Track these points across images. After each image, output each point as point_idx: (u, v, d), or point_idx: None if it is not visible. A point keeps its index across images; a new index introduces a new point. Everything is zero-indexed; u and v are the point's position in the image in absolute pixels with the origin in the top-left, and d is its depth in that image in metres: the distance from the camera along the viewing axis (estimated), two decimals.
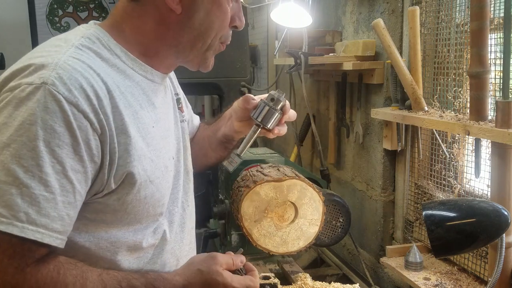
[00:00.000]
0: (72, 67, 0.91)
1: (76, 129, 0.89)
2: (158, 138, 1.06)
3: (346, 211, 1.77)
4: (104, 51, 1.00)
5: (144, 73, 1.06)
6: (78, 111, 0.89)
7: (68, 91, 0.88)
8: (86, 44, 0.98)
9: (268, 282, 1.55)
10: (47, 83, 0.87)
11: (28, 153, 0.85)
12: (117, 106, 0.95)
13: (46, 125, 0.86)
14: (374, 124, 2.17)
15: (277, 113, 1.18)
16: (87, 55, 0.96)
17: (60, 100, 0.87)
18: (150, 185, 1.02)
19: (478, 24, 1.41)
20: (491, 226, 1.27)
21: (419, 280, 1.63)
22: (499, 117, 1.34)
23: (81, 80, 0.90)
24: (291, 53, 2.36)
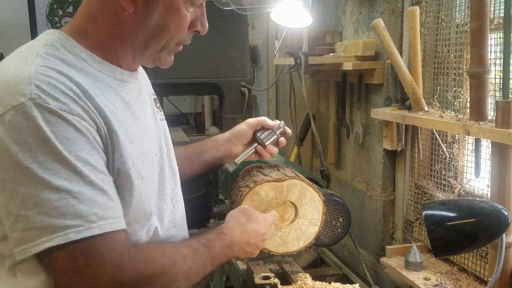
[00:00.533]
0: (46, 75, 0.92)
1: (83, 130, 0.92)
2: (140, 135, 1.08)
3: (346, 211, 1.77)
4: (69, 57, 1.00)
5: (112, 74, 1.06)
6: (74, 115, 0.92)
7: (55, 100, 0.90)
8: (50, 52, 0.98)
9: (268, 282, 1.54)
10: (32, 98, 0.89)
11: (61, 166, 0.89)
12: (97, 104, 0.98)
13: (58, 136, 0.89)
14: (374, 124, 2.17)
15: (275, 136, 1.48)
16: (53, 63, 0.96)
17: (54, 110, 0.89)
18: (142, 181, 1.04)
19: (478, 24, 1.41)
20: (491, 226, 1.27)
21: (419, 280, 1.63)
22: (499, 117, 1.34)
23: (60, 86, 0.92)
24: (291, 53, 2.36)
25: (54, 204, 0.87)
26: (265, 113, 3.79)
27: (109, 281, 0.91)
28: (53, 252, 0.88)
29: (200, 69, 2.99)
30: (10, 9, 4.60)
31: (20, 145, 0.88)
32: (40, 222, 0.87)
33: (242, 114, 3.14)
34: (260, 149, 1.46)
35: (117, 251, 0.94)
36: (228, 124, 3.15)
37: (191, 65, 2.93)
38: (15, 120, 0.88)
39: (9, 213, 0.89)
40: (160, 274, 0.99)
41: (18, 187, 0.88)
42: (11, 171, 0.88)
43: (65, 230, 0.87)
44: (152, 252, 1.01)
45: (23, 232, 0.88)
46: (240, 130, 1.47)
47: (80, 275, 0.90)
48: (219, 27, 2.97)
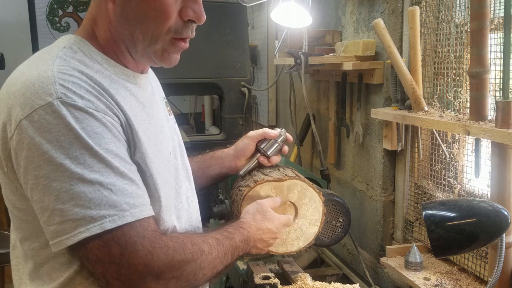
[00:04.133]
0: (69, 75, 0.95)
1: (109, 124, 0.96)
2: (155, 134, 1.11)
3: (346, 211, 1.77)
4: (86, 60, 1.02)
5: (126, 77, 1.09)
6: (99, 111, 0.95)
7: (81, 98, 0.93)
8: (69, 54, 1.00)
9: (268, 282, 1.54)
10: (59, 97, 0.91)
11: (93, 160, 0.92)
12: (118, 101, 1.00)
13: (88, 131, 0.92)
14: (374, 124, 2.17)
15: (278, 145, 1.51)
16: (73, 64, 0.98)
17: (82, 107, 0.92)
18: (159, 177, 1.07)
19: (478, 24, 1.41)
20: (491, 226, 1.27)
21: (419, 280, 1.63)
22: (499, 117, 1.34)
23: (83, 84, 0.95)
24: (291, 53, 2.36)
25: (89, 196, 0.91)
26: (265, 113, 3.78)
27: (143, 267, 0.94)
28: (88, 243, 0.91)
29: (200, 69, 2.99)
30: (10, 9, 4.60)
31: (51, 143, 0.90)
32: (77, 214, 0.90)
33: (242, 114, 3.14)
34: (263, 160, 1.51)
35: (149, 238, 0.97)
36: (228, 124, 3.15)
37: (191, 65, 2.93)
38: (44, 119, 0.90)
39: (45, 208, 0.92)
40: (190, 260, 1.02)
41: (52, 183, 0.90)
42: (44, 168, 0.90)
43: (101, 220, 0.91)
44: (182, 240, 1.04)
45: (59, 225, 0.91)
46: (243, 145, 1.52)
47: (115, 263, 0.93)
48: (219, 27, 2.97)
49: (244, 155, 1.52)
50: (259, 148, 1.50)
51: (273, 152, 1.50)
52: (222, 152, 1.57)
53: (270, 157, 1.50)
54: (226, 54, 3.02)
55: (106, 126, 0.95)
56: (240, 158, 1.53)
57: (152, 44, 1.04)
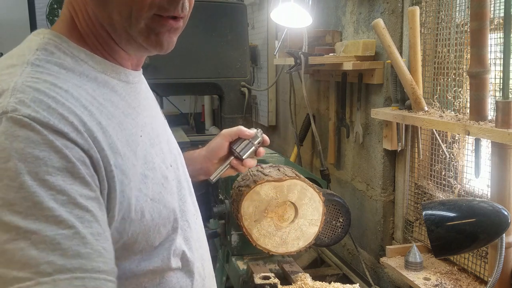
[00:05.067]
0: (34, 88, 0.74)
1: (63, 148, 0.71)
2: (148, 147, 0.91)
3: (346, 211, 1.77)
4: (67, 60, 0.83)
5: (117, 75, 0.89)
6: (54, 132, 0.71)
7: (34, 112, 0.71)
8: (43, 58, 0.81)
9: (268, 282, 1.54)
10: (7, 111, 0.70)
11: (17, 195, 0.66)
12: (99, 122, 0.78)
13: (23, 155, 0.68)
14: (374, 124, 2.17)
15: (253, 147, 1.32)
16: (47, 71, 0.79)
17: (29, 123, 0.70)
18: (153, 204, 0.86)
19: (478, 24, 1.41)
20: (491, 226, 1.27)
21: (419, 280, 1.63)
22: (499, 117, 1.34)
23: (48, 101, 0.73)
24: (291, 53, 2.36)
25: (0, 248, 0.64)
26: (265, 113, 3.79)
27: None
28: None
29: (200, 69, 2.99)
30: (10, 9, 4.60)
31: None
32: None
33: (242, 114, 3.14)
34: (235, 163, 1.31)
35: None
36: (228, 124, 3.15)
37: (191, 65, 2.94)
38: None
39: None
40: None
41: None
42: None
43: (13, 285, 0.63)
44: None
45: None
46: (215, 145, 1.32)
47: None
48: (219, 27, 2.98)
49: (216, 156, 1.32)
50: (232, 149, 1.31)
51: (248, 154, 1.31)
52: (193, 152, 1.36)
53: (243, 159, 1.30)
54: (226, 54, 3.02)
55: (58, 149, 0.70)
56: (212, 160, 1.32)
57: (133, 24, 0.84)
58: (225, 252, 2.04)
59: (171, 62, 2.85)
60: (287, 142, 3.47)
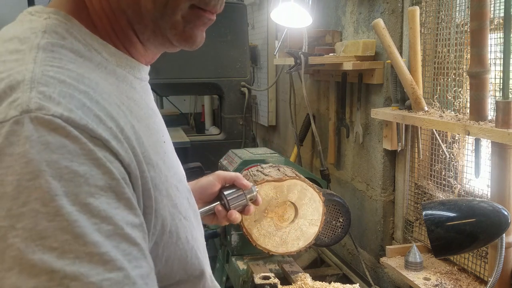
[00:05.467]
0: (59, 80, 0.58)
1: (106, 161, 0.56)
2: (172, 155, 0.77)
3: (346, 211, 1.77)
4: (80, 47, 0.66)
5: (131, 70, 0.73)
6: (94, 137, 0.56)
7: (68, 111, 0.55)
8: (56, 42, 0.63)
9: (268, 282, 1.55)
10: (29, 109, 0.53)
11: (52, 225, 0.50)
12: (132, 124, 0.64)
13: (59, 170, 0.52)
14: (374, 124, 2.17)
15: (245, 200, 1.17)
16: (67, 58, 0.62)
17: (62, 126, 0.54)
18: (186, 223, 0.72)
19: (478, 24, 1.41)
20: (491, 226, 1.27)
21: (419, 280, 1.63)
22: (499, 117, 1.34)
23: (80, 96, 0.58)
24: (291, 53, 2.36)
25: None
26: (265, 113, 3.79)
27: None
28: None
29: (200, 69, 2.99)
30: (10, 8, 4.59)
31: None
32: None
33: (242, 114, 3.14)
34: (219, 211, 1.13)
35: None
36: (228, 124, 3.15)
37: (191, 65, 2.94)
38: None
39: None
40: None
41: None
42: None
43: None
44: None
45: None
46: (206, 183, 1.15)
47: None
48: (219, 27, 2.98)
49: (204, 194, 1.14)
50: (222, 194, 1.15)
51: (237, 205, 1.15)
52: None
53: (229, 209, 1.13)
54: (226, 54, 3.02)
55: (101, 162, 0.55)
56: (197, 196, 1.08)
57: (168, 14, 0.69)
58: (225, 252, 2.04)
59: (171, 62, 2.86)
60: (287, 142, 3.48)
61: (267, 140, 4.01)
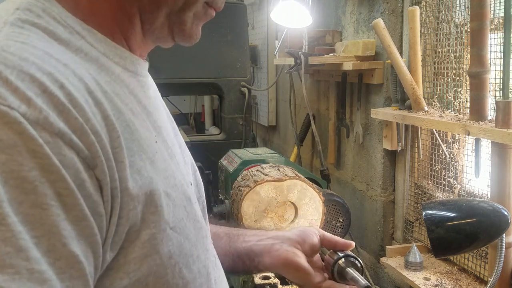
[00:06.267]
0: (20, 57, 0.51)
1: (61, 168, 0.49)
2: (167, 158, 0.68)
3: (346, 211, 1.77)
4: (58, 29, 0.58)
5: (121, 61, 0.65)
6: (52, 135, 0.49)
7: (26, 101, 0.48)
8: (27, 19, 0.56)
9: (268, 282, 1.54)
10: None
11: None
12: (108, 115, 0.56)
13: (5, 173, 0.46)
14: (374, 124, 2.17)
15: None
16: (36, 35, 0.55)
17: (18, 121, 0.47)
18: (173, 234, 0.62)
19: (478, 24, 1.41)
20: (491, 226, 1.27)
21: (419, 280, 1.63)
22: (499, 117, 1.34)
23: (42, 79, 0.50)
24: (291, 53, 2.36)
25: None
26: (265, 113, 3.78)
27: None
28: None
29: (200, 69, 2.99)
30: None
31: None
32: None
33: (242, 114, 3.14)
34: None
35: None
36: (228, 124, 3.15)
37: (191, 65, 2.94)
38: None
39: None
40: None
41: None
42: None
43: None
44: None
45: None
46: (305, 230, 1.04)
47: None
48: (219, 27, 2.98)
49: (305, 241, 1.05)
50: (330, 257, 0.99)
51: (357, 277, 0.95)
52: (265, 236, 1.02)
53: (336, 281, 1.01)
54: (226, 54, 3.03)
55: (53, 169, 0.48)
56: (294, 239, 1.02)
57: (184, 9, 0.67)
58: None
59: (171, 62, 2.86)
60: (287, 142, 3.48)
61: (267, 140, 4.01)
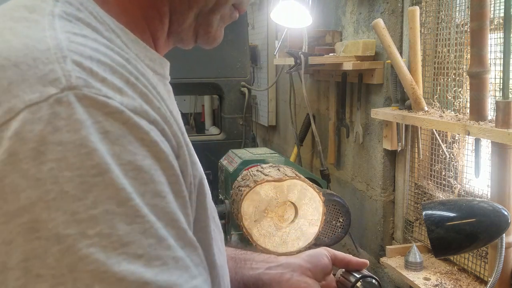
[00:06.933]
0: (91, 48, 0.46)
1: (168, 154, 0.46)
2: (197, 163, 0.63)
3: (346, 211, 1.77)
4: (97, 25, 0.51)
5: (151, 64, 0.59)
6: (150, 122, 0.46)
7: (117, 90, 0.44)
8: (71, 12, 0.50)
9: None
10: (73, 86, 0.42)
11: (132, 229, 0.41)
12: (168, 107, 0.52)
13: (123, 165, 0.42)
14: (374, 124, 2.17)
15: None
16: (86, 32, 0.49)
17: (120, 110, 0.43)
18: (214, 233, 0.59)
19: (478, 24, 1.41)
20: (491, 226, 1.27)
21: (419, 280, 1.63)
22: (499, 117, 1.34)
23: (120, 69, 0.47)
24: (291, 53, 2.36)
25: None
26: (265, 113, 3.78)
27: None
28: None
29: (200, 69, 2.99)
30: None
31: (40, 186, 0.39)
32: None
33: (242, 114, 3.14)
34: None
35: None
36: (228, 124, 3.15)
37: (191, 65, 2.94)
38: (31, 131, 0.40)
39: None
40: None
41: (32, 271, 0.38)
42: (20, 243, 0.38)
43: None
44: None
45: None
46: (314, 252, 0.98)
47: None
48: None
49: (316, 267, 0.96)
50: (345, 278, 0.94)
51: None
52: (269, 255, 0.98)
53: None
54: (226, 54, 3.02)
55: (162, 155, 0.45)
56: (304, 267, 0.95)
57: (214, 11, 0.63)
58: None
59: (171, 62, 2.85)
60: (287, 142, 3.48)
61: (267, 140, 4.01)
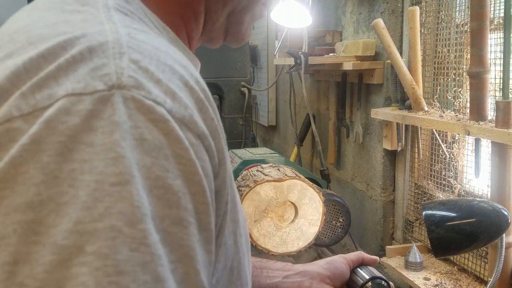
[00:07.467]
0: (152, 46, 0.42)
1: (203, 177, 0.41)
2: None
3: (346, 211, 1.77)
4: (148, 21, 0.49)
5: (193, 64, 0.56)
6: (196, 136, 0.41)
7: (171, 95, 0.40)
8: (125, 6, 0.46)
9: None
10: (123, 85, 0.38)
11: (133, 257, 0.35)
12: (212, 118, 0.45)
13: (149, 180, 0.37)
14: (374, 124, 2.17)
15: None
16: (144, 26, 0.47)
17: (165, 119, 0.38)
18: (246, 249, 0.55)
19: (478, 24, 1.41)
20: (491, 226, 1.27)
21: (419, 280, 1.63)
22: (499, 117, 1.34)
23: (180, 70, 0.43)
24: (291, 53, 2.36)
25: None
26: (265, 113, 3.78)
27: None
28: None
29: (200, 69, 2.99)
30: (10, 9, 4.59)
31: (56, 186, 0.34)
32: None
33: (242, 114, 3.14)
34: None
35: None
36: (228, 124, 3.15)
37: None
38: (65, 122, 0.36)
39: None
40: None
41: None
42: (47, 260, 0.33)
43: None
44: None
45: None
46: (331, 259, 0.96)
47: None
48: None
49: (335, 274, 0.92)
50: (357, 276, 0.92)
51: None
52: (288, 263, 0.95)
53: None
54: (226, 54, 3.02)
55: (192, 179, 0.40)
56: (324, 274, 0.90)
57: (246, 9, 0.60)
58: None
59: None
60: (287, 142, 3.48)
61: (267, 140, 4.01)
